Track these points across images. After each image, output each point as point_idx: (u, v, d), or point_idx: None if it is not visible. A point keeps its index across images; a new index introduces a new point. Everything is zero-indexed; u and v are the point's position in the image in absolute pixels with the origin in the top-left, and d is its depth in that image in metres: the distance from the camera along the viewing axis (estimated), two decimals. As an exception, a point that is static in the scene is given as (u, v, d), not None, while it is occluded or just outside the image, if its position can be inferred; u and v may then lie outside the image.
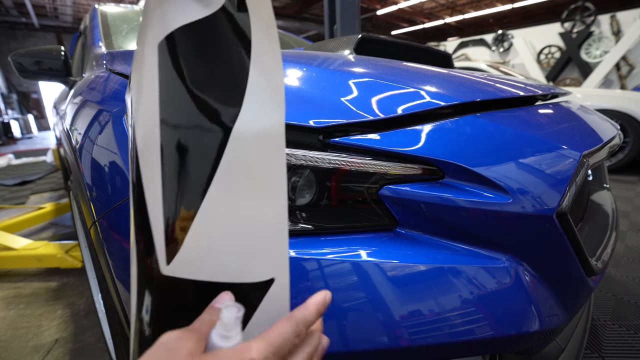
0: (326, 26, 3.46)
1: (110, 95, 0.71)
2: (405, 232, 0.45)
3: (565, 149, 0.49)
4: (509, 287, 0.43)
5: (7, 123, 8.49)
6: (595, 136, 0.60)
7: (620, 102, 3.04)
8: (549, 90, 0.74)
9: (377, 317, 0.39)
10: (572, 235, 0.46)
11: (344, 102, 0.46)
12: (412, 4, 9.36)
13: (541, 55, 7.62)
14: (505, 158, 0.45)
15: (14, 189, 3.20)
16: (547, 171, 0.46)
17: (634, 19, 6.26)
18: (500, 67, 3.98)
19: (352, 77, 0.55)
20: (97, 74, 0.90)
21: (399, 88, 0.51)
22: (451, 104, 0.49)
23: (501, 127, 0.49)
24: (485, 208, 0.42)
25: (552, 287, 0.47)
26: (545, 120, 0.57)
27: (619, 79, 6.47)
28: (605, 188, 0.90)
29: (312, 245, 0.42)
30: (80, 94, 0.92)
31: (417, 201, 0.43)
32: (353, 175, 0.43)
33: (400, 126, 0.45)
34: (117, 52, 0.93)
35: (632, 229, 1.87)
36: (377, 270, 0.40)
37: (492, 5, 9.71)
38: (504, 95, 0.57)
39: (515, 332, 0.42)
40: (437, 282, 0.41)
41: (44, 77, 1.31)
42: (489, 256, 0.44)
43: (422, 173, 0.44)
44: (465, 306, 0.41)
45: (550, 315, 0.46)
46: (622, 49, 6.17)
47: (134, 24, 1.37)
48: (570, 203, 0.45)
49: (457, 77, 0.64)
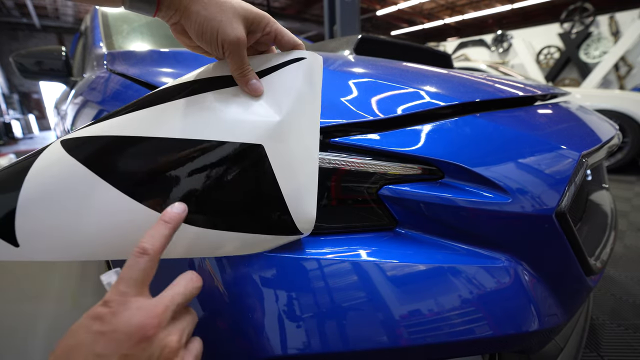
0: (326, 27, 3.47)
1: (111, 95, 0.71)
2: (405, 232, 0.45)
3: (564, 149, 0.49)
4: (508, 286, 0.43)
5: (9, 123, 8.49)
6: (594, 136, 0.60)
7: (619, 103, 3.04)
8: (548, 90, 0.74)
9: (376, 317, 0.39)
10: (571, 235, 0.47)
11: (343, 102, 0.47)
12: (412, 4, 9.37)
13: (540, 56, 7.63)
14: (505, 158, 0.45)
15: (14, 190, 3.19)
16: (546, 171, 0.46)
17: (632, 19, 6.27)
18: (499, 67, 3.99)
19: (352, 77, 0.55)
20: (98, 75, 0.90)
21: (398, 88, 0.51)
22: (451, 104, 0.49)
23: (500, 127, 0.49)
24: (485, 208, 0.43)
25: (551, 287, 0.47)
26: (544, 120, 0.58)
27: (618, 80, 6.48)
28: (604, 188, 0.91)
29: (312, 245, 0.42)
30: (81, 94, 0.92)
31: (416, 201, 0.43)
32: (353, 175, 0.43)
33: (400, 126, 0.45)
34: (117, 53, 0.93)
35: (631, 229, 1.88)
36: (377, 270, 0.40)
37: (491, 5, 9.72)
38: (503, 96, 0.57)
39: (514, 332, 0.42)
40: (437, 281, 0.41)
41: (45, 78, 1.31)
42: (488, 256, 0.44)
43: (421, 173, 0.44)
44: (465, 306, 0.41)
45: (549, 315, 0.46)
46: (620, 49, 6.18)
47: (134, 25, 1.37)
48: (570, 203, 0.46)
49: (456, 78, 0.64)
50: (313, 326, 0.39)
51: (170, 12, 0.33)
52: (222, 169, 0.33)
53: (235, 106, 0.35)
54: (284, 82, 0.37)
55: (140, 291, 0.26)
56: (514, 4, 9.04)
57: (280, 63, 0.38)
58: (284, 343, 0.38)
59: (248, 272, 0.40)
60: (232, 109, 0.35)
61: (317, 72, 0.39)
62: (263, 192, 0.35)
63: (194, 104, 0.35)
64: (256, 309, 0.39)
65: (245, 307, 0.39)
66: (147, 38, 1.29)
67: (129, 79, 0.67)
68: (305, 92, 0.37)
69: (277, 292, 0.39)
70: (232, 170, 0.33)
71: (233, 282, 0.40)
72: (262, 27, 0.36)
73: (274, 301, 0.39)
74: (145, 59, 0.76)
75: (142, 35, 1.29)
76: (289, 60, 0.38)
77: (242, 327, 0.40)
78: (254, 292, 0.39)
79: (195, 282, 0.30)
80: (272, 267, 0.40)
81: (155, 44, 1.25)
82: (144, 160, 0.32)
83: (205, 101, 0.35)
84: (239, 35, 0.34)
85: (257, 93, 0.36)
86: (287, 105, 0.36)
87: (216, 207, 0.34)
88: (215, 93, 0.36)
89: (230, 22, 0.33)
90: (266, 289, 0.39)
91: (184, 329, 0.28)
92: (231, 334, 0.40)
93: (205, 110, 0.34)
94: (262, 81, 0.37)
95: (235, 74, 0.36)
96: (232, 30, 0.33)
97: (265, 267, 0.40)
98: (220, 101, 0.35)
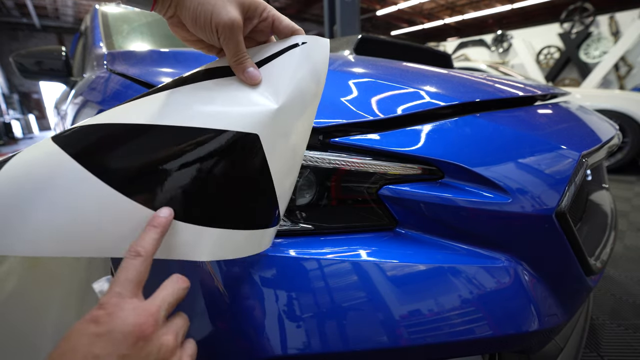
0: (326, 27, 3.47)
1: (111, 95, 0.71)
2: (405, 231, 0.45)
3: (565, 149, 0.49)
4: (508, 286, 0.43)
5: (9, 123, 8.49)
6: (594, 136, 0.60)
7: (619, 103, 3.05)
8: (548, 90, 0.75)
9: (376, 317, 0.39)
10: (571, 235, 0.47)
11: (344, 102, 0.47)
12: (412, 4, 9.37)
13: (540, 56, 7.63)
14: (505, 158, 0.45)
15: (14, 190, 3.20)
16: (546, 171, 0.46)
17: (632, 19, 6.27)
18: (499, 67, 3.99)
19: (352, 77, 0.55)
20: (98, 75, 0.90)
21: (398, 88, 0.51)
22: (451, 104, 0.49)
23: (500, 127, 0.49)
24: (485, 208, 0.43)
25: (551, 287, 0.47)
26: (544, 120, 0.58)
27: (618, 80, 6.48)
28: (604, 188, 0.91)
29: (312, 245, 0.42)
30: (81, 94, 0.92)
31: (416, 201, 0.43)
32: (353, 175, 0.43)
33: (400, 126, 0.45)
34: (118, 53, 0.93)
35: (631, 229, 1.88)
36: (377, 270, 0.40)
37: (491, 5, 9.72)
38: (503, 96, 0.57)
39: (514, 332, 0.42)
40: (437, 281, 0.41)
41: (45, 78, 1.31)
42: (488, 256, 0.44)
43: (421, 173, 0.44)
44: (465, 306, 0.41)
45: (549, 315, 0.46)
46: (620, 49, 6.19)
47: (134, 25, 1.37)
48: (570, 203, 0.46)
49: (456, 78, 0.64)
50: (313, 326, 0.39)
51: (166, 4, 0.33)
52: (215, 160, 0.31)
53: (231, 95, 0.34)
54: (283, 69, 0.35)
55: (135, 292, 0.26)
56: (514, 4, 9.04)
57: (280, 50, 0.36)
58: (284, 343, 0.38)
59: (248, 272, 0.40)
60: (227, 97, 0.34)
61: (320, 56, 0.37)
62: (256, 184, 0.34)
63: (189, 92, 0.33)
64: (256, 309, 0.39)
65: (246, 307, 0.39)
66: (147, 38, 1.29)
67: (129, 79, 0.67)
68: (307, 77, 0.35)
69: (277, 292, 0.39)
70: (225, 161, 0.32)
71: (233, 282, 0.40)
72: (259, 12, 0.36)
73: (274, 301, 0.39)
74: (145, 59, 0.76)
75: (142, 35, 1.29)
76: (288, 47, 0.36)
77: (242, 327, 0.40)
78: (254, 292, 0.39)
79: (182, 283, 0.30)
80: (272, 267, 0.40)
81: (155, 44, 1.25)
82: (133, 150, 0.30)
83: (201, 90, 0.34)
84: (233, 18, 0.33)
85: (255, 81, 0.35)
86: (287, 93, 0.34)
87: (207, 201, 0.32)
88: (212, 82, 0.35)
89: (225, 5, 0.33)
90: (266, 289, 0.39)
91: (178, 329, 0.28)
92: (231, 334, 0.40)
93: (200, 98, 0.33)
94: (261, 70, 0.35)
95: (231, 62, 0.35)
96: (226, 13, 0.32)
97: (265, 267, 0.40)
98: (215, 90, 0.34)
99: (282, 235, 0.43)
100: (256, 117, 0.33)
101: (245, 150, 0.32)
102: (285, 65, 0.35)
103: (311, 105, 0.37)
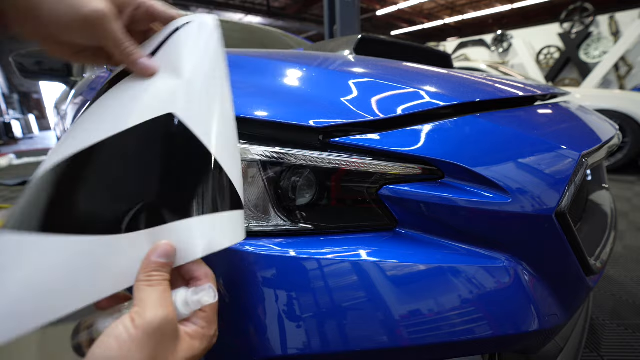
0: (326, 27, 3.47)
1: (111, 95, 0.71)
2: (405, 231, 0.45)
3: (565, 149, 0.49)
4: (508, 286, 0.43)
5: (9, 123, 8.49)
6: (594, 136, 0.60)
7: (619, 103, 3.05)
8: (548, 90, 0.74)
9: (376, 317, 0.39)
10: (571, 235, 0.47)
11: (344, 102, 0.47)
12: (412, 4, 9.37)
13: (540, 56, 7.63)
14: (505, 158, 0.45)
15: (15, 189, 3.20)
16: (546, 171, 0.46)
17: (632, 19, 6.27)
18: (499, 67, 3.99)
19: (352, 77, 0.55)
20: (98, 74, 0.90)
21: (398, 88, 0.51)
22: (451, 104, 0.49)
23: (500, 127, 0.49)
24: (485, 208, 0.43)
25: (551, 287, 0.47)
26: (544, 120, 0.58)
27: (618, 80, 6.48)
28: (604, 188, 0.91)
29: (312, 245, 0.42)
30: (81, 94, 0.92)
31: (416, 201, 0.43)
32: (353, 175, 0.43)
33: (400, 126, 0.45)
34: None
35: (631, 229, 1.88)
36: (377, 270, 0.40)
37: (491, 5, 9.72)
38: (503, 96, 0.57)
39: (514, 332, 0.42)
40: (437, 281, 0.41)
41: (45, 78, 1.31)
42: (488, 256, 0.45)
43: (421, 173, 0.44)
44: (465, 305, 0.41)
45: (549, 315, 0.46)
46: (620, 49, 6.18)
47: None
48: (570, 203, 0.46)
49: (456, 78, 0.64)
50: (313, 326, 0.39)
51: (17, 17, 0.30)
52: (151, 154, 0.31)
53: (136, 90, 0.33)
54: (176, 49, 0.35)
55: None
56: (514, 4, 9.04)
57: (167, 36, 0.36)
58: (284, 343, 0.38)
59: (248, 272, 0.40)
60: (133, 94, 0.33)
61: (210, 31, 0.37)
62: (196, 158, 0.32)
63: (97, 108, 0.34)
64: (256, 309, 0.39)
65: (246, 307, 0.39)
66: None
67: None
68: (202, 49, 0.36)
69: (277, 292, 0.39)
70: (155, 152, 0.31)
71: (233, 282, 0.40)
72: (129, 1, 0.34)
73: (274, 301, 0.39)
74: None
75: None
76: (174, 30, 0.36)
77: (242, 327, 0.40)
78: (254, 292, 0.39)
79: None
80: (272, 267, 0.40)
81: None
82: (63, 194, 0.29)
83: (108, 100, 0.34)
84: (99, 7, 0.31)
85: (149, 71, 0.34)
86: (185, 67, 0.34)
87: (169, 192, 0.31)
88: (115, 88, 0.35)
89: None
90: (266, 289, 0.39)
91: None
92: (231, 334, 0.40)
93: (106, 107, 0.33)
94: (155, 59, 0.35)
95: (119, 56, 0.33)
96: (88, 2, 0.30)
97: (265, 267, 0.40)
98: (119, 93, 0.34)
99: (282, 235, 0.43)
100: (163, 97, 0.33)
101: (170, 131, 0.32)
102: (176, 46, 0.35)
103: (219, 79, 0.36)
